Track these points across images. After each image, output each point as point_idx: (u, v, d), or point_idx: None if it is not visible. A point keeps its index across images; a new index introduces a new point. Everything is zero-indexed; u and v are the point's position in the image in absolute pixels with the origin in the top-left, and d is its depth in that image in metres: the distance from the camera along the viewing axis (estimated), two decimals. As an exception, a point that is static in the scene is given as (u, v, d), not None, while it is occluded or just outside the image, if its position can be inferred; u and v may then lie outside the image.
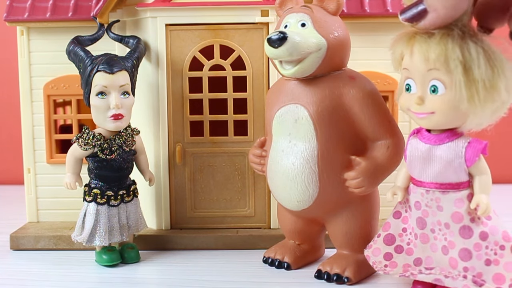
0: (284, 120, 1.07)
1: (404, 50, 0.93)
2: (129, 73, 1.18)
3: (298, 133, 1.05)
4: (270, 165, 1.09)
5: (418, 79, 0.91)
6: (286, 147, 1.06)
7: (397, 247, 1.00)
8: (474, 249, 0.91)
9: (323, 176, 1.04)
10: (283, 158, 1.06)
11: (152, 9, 1.27)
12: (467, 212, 0.92)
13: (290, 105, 1.07)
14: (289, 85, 1.09)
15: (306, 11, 1.07)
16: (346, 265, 1.07)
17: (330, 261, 1.09)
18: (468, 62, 0.86)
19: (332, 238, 1.13)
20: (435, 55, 0.88)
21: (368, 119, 1.04)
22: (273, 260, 1.16)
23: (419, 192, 0.96)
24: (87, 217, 1.17)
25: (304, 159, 1.04)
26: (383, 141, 1.05)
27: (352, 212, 1.08)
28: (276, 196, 1.11)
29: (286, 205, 1.09)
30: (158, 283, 1.09)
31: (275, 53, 1.02)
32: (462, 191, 0.92)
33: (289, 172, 1.05)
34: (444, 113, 0.90)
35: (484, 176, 0.93)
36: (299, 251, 1.16)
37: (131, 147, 1.19)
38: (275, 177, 1.08)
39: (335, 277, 1.06)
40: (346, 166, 1.04)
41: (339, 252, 1.12)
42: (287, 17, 1.08)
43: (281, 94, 1.09)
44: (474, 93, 0.87)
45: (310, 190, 1.05)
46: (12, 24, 1.34)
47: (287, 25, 1.07)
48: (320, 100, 1.05)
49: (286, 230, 1.18)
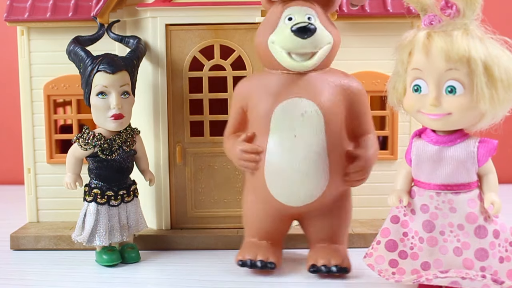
0: (287, 115, 1.05)
1: (415, 50, 0.91)
2: (130, 73, 1.18)
3: (304, 127, 1.04)
4: (271, 162, 1.06)
5: (433, 79, 0.90)
6: (291, 142, 1.04)
7: (401, 252, 0.98)
8: (490, 248, 0.92)
9: (333, 168, 1.05)
10: (291, 154, 1.04)
11: (152, 9, 1.27)
12: (480, 212, 0.92)
13: (294, 98, 1.05)
14: (283, 79, 1.07)
15: (311, 6, 1.06)
16: (342, 256, 1.09)
17: (321, 255, 1.09)
18: (489, 62, 0.86)
19: (315, 232, 1.13)
20: (458, 56, 0.87)
21: (362, 114, 1.09)
22: (254, 262, 1.09)
23: (427, 195, 0.95)
24: (87, 217, 1.17)
25: (315, 153, 1.04)
26: (367, 136, 1.09)
27: (340, 205, 1.10)
28: (275, 194, 1.07)
29: (288, 202, 1.07)
30: (158, 283, 1.09)
31: (301, 43, 1.01)
32: (473, 191, 0.93)
33: (301, 167, 1.04)
34: (462, 114, 0.90)
35: (492, 175, 0.93)
36: (276, 250, 1.13)
37: (131, 147, 1.19)
38: (281, 174, 1.05)
39: (335, 268, 1.07)
40: (345, 159, 1.06)
41: (326, 246, 1.12)
42: (289, 10, 1.06)
43: (277, 88, 1.06)
44: (494, 93, 0.87)
45: (321, 183, 1.05)
46: (12, 24, 1.34)
47: (291, 18, 1.05)
48: (327, 92, 1.06)
49: (262, 231, 1.13)
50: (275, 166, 1.06)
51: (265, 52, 1.07)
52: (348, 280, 1.07)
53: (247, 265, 1.10)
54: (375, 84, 1.36)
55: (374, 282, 1.05)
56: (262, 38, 1.07)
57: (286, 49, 1.03)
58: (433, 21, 0.92)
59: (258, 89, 1.09)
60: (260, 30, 1.09)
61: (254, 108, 1.09)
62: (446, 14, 0.91)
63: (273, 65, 1.08)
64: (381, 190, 1.37)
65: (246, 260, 1.10)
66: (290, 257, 1.20)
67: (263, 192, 1.08)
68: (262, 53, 1.08)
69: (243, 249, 1.13)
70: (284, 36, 1.03)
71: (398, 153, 1.38)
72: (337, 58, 1.36)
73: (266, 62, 1.10)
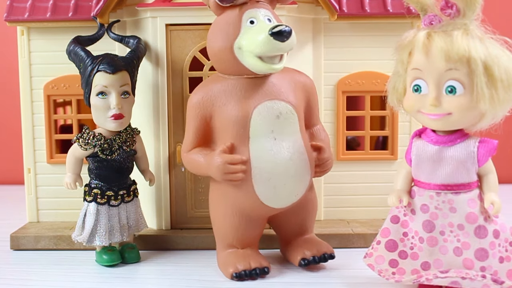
0: (263, 119, 1.04)
1: (415, 50, 0.91)
2: (130, 73, 1.18)
3: (282, 129, 1.05)
4: (259, 169, 1.04)
5: (434, 79, 0.90)
6: (273, 145, 1.05)
7: (401, 252, 0.98)
8: (490, 248, 0.92)
9: (311, 164, 1.09)
10: (275, 157, 1.04)
11: (152, 9, 1.27)
12: (480, 212, 0.92)
13: (266, 102, 1.05)
14: (248, 83, 1.06)
15: (266, 7, 1.07)
16: (325, 244, 1.14)
17: (307, 247, 1.13)
18: (489, 62, 0.86)
19: (288, 228, 1.15)
20: (458, 56, 0.87)
21: (314, 107, 1.14)
22: (250, 271, 1.06)
23: (427, 195, 0.95)
24: (87, 217, 1.17)
25: (297, 152, 1.06)
26: (317, 126, 1.14)
27: (308, 197, 1.13)
28: (265, 199, 1.06)
29: (277, 205, 1.07)
30: (158, 283, 1.09)
31: (280, 46, 1.01)
32: (473, 191, 0.93)
33: (289, 168, 1.05)
34: (462, 114, 0.90)
35: (492, 175, 0.93)
36: (260, 254, 1.12)
37: (131, 147, 1.19)
38: (270, 179, 1.04)
39: (325, 256, 1.11)
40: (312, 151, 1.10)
41: (304, 238, 1.15)
42: (249, 13, 1.04)
43: (247, 93, 1.05)
44: (494, 93, 0.87)
45: (306, 180, 1.08)
46: (12, 24, 1.34)
47: (253, 21, 1.03)
48: (293, 91, 1.08)
49: (244, 240, 1.10)
50: (262, 172, 1.05)
51: (228, 58, 1.04)
52: (348, 280, 1.07)
53: (243, 276, 1.06)
54: (375, 84, 1.36)
55: (374, 282, 1.05)
56: (224, 43, 1.04)
57: (259, 53, 1.01)
58: (433, 21, 0.92)
59: (222, 96, 1.06)
60: (218, 35, 1.05)
61: (221, 116, 1.06)
62: (446, 14, 0.91)
63: (236, 70, 1.05)
64: (381, 190, 1.37)
65: (241, 271, 1.07)
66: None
67: (251, 201, 1.06)
68: (225, 59, 1.05)
69: (230, 261, 1.09)
70: (259, 41, 1.00)
71: (398, 153, 1.38)
72: (337, 58, 1.37)
73: (228, 67, 1.06)
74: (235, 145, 1.05)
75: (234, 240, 1.11)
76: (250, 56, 1.02)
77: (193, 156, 1.09)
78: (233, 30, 1.04)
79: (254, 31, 1.02)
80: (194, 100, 1.08)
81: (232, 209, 1.09)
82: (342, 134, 1.38)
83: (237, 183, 1.05)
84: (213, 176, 1.06)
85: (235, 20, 1.04)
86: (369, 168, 1.39)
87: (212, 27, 1.08)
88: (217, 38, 1.06)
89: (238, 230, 1.10)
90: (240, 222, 1.09)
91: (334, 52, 1.36)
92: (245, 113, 1.04)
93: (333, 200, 1.40)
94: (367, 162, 1.39)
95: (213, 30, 1.07)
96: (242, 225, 1.09)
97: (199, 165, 1.08)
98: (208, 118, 1.08)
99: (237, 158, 1.03)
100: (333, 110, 1.38)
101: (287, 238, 1.17)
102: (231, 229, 1.10)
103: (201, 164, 1.08)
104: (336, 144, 1.38)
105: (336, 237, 1.27)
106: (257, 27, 1.03)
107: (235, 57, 1.04)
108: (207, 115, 1.08)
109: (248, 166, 1.04)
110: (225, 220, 1.10)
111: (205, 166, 1.06)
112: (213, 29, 1.07)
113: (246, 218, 1.09)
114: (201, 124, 1.08)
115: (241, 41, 1.03)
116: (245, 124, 1.04)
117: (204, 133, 1.09)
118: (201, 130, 1.09)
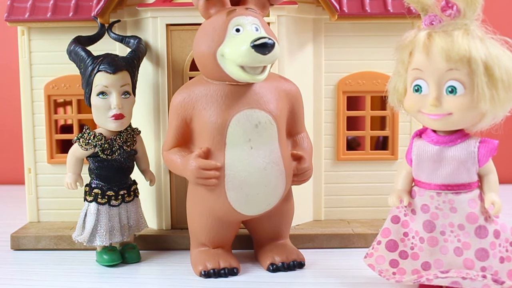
0: (242, 127, 1.04)
1: (416, 50, 0.91)
2: (130, 73, 1.18)
3: (260, 138, 1.04)
4: (232, 176, 1.04)
5: (434, 79, 0.90)
6: (249, 154, 1.04)
7: (401, 252, 0.98)
8: (490, 248, 0.92)
9: (287, 173, 1.08)
10: (250, 167, 1.04)
11: (152, 9, 1.27)
12: (481, 212, 0.92)
13: (245, 110, 1.04)
14: (231, 90, 1.04)
15: (255, 15, 1.04)
16: (295, 251, 1.14)
17: (278, 252, 1.13)
18: (490, 62, 0.87)
19: (263, 232, 1.15)
20: (458, 56, 0.87)
21: (299, 114, 1.13)
22: (219, 270, 1.08)
23: (428, 195, 0.95)
24: (88, 217, 1.17)
25: (273, 163, 1.05)
26: (301, 134, 1.14)
27: (284, 203, 1.13)
28: (237, 207, 1.06)
29: (248, 212, 1.07)
30: (159, 283, 1.09)
31: (261, 59, 0.99)
32: (473, 191, 0.93)
33: (263, 178, 1.05)
34: (463, 114, 0.90)
35: (492, 175, 0.93)
36: (232, 255, 1.13)
37: (132, 147, 1.19)
38: (243, 187, 1.04)
39: (294, 263, 1.11)
40: (291, 160, 1.10)
41: (277, 243, 1.15)
42: (236, 20, 1.02)
43: (227, 100, 1.04)
44: (494, 93, 0.87)
45: (280, 190, 1.08)
46: (12, 24, 1.34)
47: (239, 29, 1.02)
48: (275, 100, 1.07)
49: (215, 240, 1.12)
50: (235, 180, 1.04)
51: (212, 64, 1.03)
52: (348, 280, 1.07)
53: (211, 275, 1.08)
54: (375, 84, 1.36)
55: (375, 282, 1.05)
56: (208, 49, 1.03)
57: (241, 63, 0.99)
58: (434, 21, 0.92)
59: (203, 100, 1.06)
60: (203, 40, 1.04)
61: (200, 120, 1.06)
62: (447, 14, 0.91)
63: (219, 76, 1.04)
64: (381, 190, 1.37)
65: (209, 270, 1.08)
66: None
67: (222, 206, 1.06)
68: (208, 64, 1.04)
69: (200, 259, 1.10)
70: (241, 51, 0.98)
71: (399, 153, 1.38)
72: (337, 58, 1.37)
73: (210, 73, 1.05)
74: (212, 150, 1.05)
75: (206, 240, 1.12)
76: (232, 65, 1.01)
77: (171, 156, 1.10)
78: (218, 36, 1.02)
79: (238, 40, 1.00)
80: (176, 100, 1.09)
81: (206, 211, 1.09)
82: (342, 134, 1.38)
83: (211, 188, 1.05)
84: (188, 178, 1.08)
85: (221, 26, 1.02)
86: (369, 168, 1.39)
87: (199, 31, 1.07)
88: (201, 43, 1.05)
89: (210, 232, 1.11)
90: (212, 224, 1.10)
91: (334, 52, 1.36)
92: (224, 120, 1.04)
93: (333, 200, 1.40)
94: (367, 162, 1.39)
95: (199, 35, 1.06)
96: (214, 227, 1.11)
97: (176, 166, 1.09)
98: (188, 120, 1.08)
99: (212, 164, 1.03)
100: (334, 110, 1.38)
101: (261, 241, 1.17)
102: (204, 230, 1.11)
103: (177, 165, 1.08)
104: (337, 144, 1.38)
105: (337, 237, 1.27)
106: (242, 36, 1.00)
107: (218, 64, 1.03)
108: (187, 117, 1.08)
109: (222, 172, 1.04)
110: (199, 221, 1.11)
111: (181, 168, 1.07)
112: (199, 33, 1.06)
113: (218, 221, 1.10)
114: (181, 125, 1.09)
115: (224, 49, 1.01)
116: (223, 131, 1.04)
117: (184, 133, 1.09)
118: (181, 131, 1.09)
